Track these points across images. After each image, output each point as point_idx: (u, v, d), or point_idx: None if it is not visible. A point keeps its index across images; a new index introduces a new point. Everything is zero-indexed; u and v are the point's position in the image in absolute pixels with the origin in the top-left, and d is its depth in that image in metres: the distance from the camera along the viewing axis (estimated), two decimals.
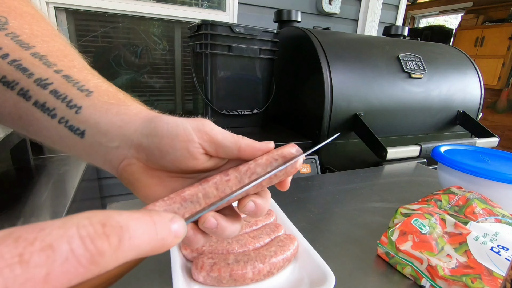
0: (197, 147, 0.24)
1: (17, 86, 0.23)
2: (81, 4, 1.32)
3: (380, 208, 0.61)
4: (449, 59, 1.31)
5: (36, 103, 0.23)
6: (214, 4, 1.62)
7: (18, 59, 0.23)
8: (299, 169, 0.24)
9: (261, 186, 0.24)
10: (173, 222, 0.16)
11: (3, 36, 0.23)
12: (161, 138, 0.23)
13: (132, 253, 0.14)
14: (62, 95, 0.24)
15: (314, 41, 1.04)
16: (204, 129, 0.24)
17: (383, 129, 1.13)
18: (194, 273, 0.35)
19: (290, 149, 0.24)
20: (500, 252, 0.37)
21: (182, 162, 0.24)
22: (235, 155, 0.24)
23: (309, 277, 0.36)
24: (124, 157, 0.25)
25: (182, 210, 0.23)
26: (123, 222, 0.14)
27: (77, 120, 0.24)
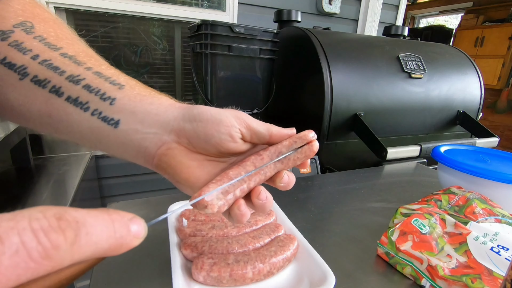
0: (237, 132, 0.27)
1: (49, 84, 0.24)
2: (81, 4, 1.32)
3: (380, 208, 0.61)
4: (449, 59, 1.31)
5: (68, 98, 0.25)
6: (214, 4, 1.62)
7: (48, 59, 0.25)
8: (315, 152, 0.29)
9: (287, 165, 0.29)
10: (132, 222, 0.16)
11: (31, 39, 0.25)
12: (206, 122, 0.26)
13: (89, 250, 0.13)
14: (95, 89, 0.25)
15: (314, 41, 1.04)
16: (242, 117, 0.27)
17: (383, 129, 1.13)
18: (194, 273, 0.35)
19: (308, 133, 0.29)
20: (500, 252, 0.37)
21: (224, 145, 0.27)
22: (266, 140, 0.29)
23: (309, 277, 0.36)
24: (163, 142, 0.26)
25: (232, 188, 0.26)
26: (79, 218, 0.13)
27: (111, 111, 0.25)
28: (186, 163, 0.27)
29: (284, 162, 0.29)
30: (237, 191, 0.26)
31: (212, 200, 0.25)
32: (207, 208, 0.24)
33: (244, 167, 0.27)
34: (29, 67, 0.24)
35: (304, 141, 0.29)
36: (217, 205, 0.25)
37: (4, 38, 0.24)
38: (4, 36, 0.24)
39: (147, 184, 1.63)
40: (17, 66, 0.24)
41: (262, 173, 0.28)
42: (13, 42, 0.24)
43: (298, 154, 0.29)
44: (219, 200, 0.25)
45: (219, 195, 0.26)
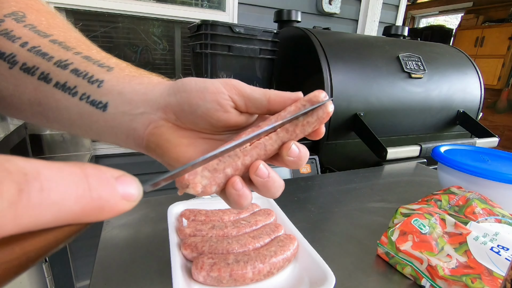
0: (227, 99, 0.24)
1: (37, 71, 0.24)
2: (81, 4, 1.32)
3: (380, 208, 0.61)
4: (449, 59, 1.31)
5: (56, 84, 0.24)
6: (214, 4, 1.62)
7: (37, 45, 0.24)
8: (331, 114, 0.23)
9: (294, 134, 0.23)
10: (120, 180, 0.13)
11: (21, 27, 0.24)
12: (190, 92, 0.24)
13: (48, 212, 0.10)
14: (83, 72, 0.24)
15: (314, 41, 1.04)
16: (231, 83, 0.24)
17: (383, 129, 1.13)
18: (194, 273, 0.35)
19: (317, 94, 0.23)
20: (500, 252, 0.37)
21: (213, 116, 0.23)
22: (265, 107, 0.24)
23: (309, 277, 0.36)
24: (150, 121, 0.24)
25: (221, 165, 0.22)
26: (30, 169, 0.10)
27: (99, 94, 0.24)
28: (175, 141, 0.24)
29: (289, 130, 0.23)
30: (228, 169, 0.22)
31: (195, 179, 0.21)
32: (189, 188, 0.21)
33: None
34: (18, 54, 0.24)
35: (314, 103, 0.23)
36: (200, 184, 0.21)
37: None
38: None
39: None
40: (6, 54, 0.24)
41: (261, 146, 0.23)
42: (2, 31, 0.24)
43: (309, 118, 0.23)
44: (203, 178, 0.21)
45: (205, 173, 0.22)
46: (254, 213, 0.48)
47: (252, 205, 0.50)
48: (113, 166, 0.13)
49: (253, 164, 0.23)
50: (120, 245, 0.45)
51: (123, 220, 0.52)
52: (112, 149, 1.48)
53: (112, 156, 1.49)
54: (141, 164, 1.58)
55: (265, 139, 0.23)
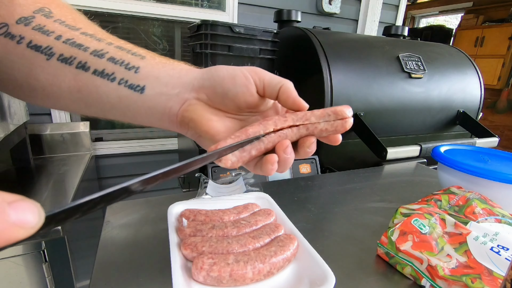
0: (252, 84, 0.28)
1: (75, 60, 0.26)
2: (81, 4, 1.32)
3: (380, 208, 0.61)
4: (449, 59, 1.31)
5: (95, 72, 0.26)
6: (214, 4, 1.62)
7: (71, 37, 0.26)
8: (347, 129, 0.27)
9: (312, 133, 0.27)
10: (14, 207, 0.11)
11: (52, 22, 0.27)
12: (223, 78, 0.28)
13: None
14: (119, 60, 0.27)
15: (314, 41, 1.04)
16: (255, 70, 0.28)
17: (383, 129, 1.13)
18: (194, 273, 0.35)
19: (344, 109, 0.27)
20: (500, 252, 0.37)
21: (241, 98, 0.28)
22: (275, 93, 0.28)
23: (309, 277, 0.36)
24: (185, 100, 0.28)
25: (248, 147, 0.27)
26: None
27: (137, 78, 0.27)
28: (207, 117, 0.28)
29: (309, 129, 0.27)
30: (253, 150, 0.27)
31: (227, 156, 0.26)
32: (221, 162, 0.26)
33: (265, 126, 0.27)
34: (54, 47, 0.26)
35: (338, 117, 0.27)
36: (230, 160, 0.26)
37: (27, 23, 0.26)
38: (27, 21, 0.26)
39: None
40: (43, 47, 0.26)
41: (283, 136, 0.27)
42: (36, 26, 0.26)
43: (328, 126, 0.27)
44: (233, 156, 0.26)
45: (235, 152, 0.26)
46: (254, 213, 0.48)
47: (252, 205, 0.50)
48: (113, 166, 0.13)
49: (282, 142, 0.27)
50: (120, 245, 0.45)
51: (123, 220, 0.52)
52: (112, 149, 1.48)
53: (112, 156, 1.49)
54: (141, 164, 1.58)
55: (288, 131, 0.27)
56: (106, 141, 1.48)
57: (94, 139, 1.45)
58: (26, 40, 0.26)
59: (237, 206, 0.49)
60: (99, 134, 1.48)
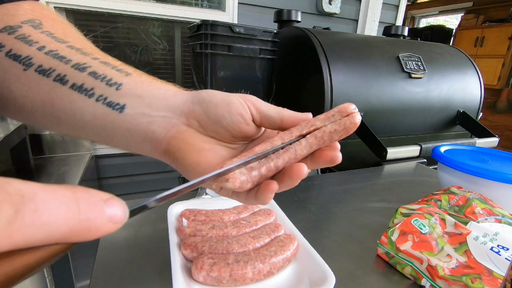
0: (248, 113, 0.26)
1: (53, 72, 0.24)
2: (81, 4, 1.32)
3: (380, 208, 0.61)
4: (449, 59, 1.31)
5: (73, 86, 0.24)
6: (214, 4, 1.62)
7: (54, 49, 0.25)
8: (358, 125, 0.25)
9: (322, 140, 0.25)
10: (108, 204, 0.13)
11: (39, 33, 0.25)
12: (216, 104, 0.25)
13: (39, 232, 0.11)
14: (101, 75, 0.25)
15: (314, 41, 1.04)
16: (250, 99, 0.27)
17: (383, 129, 1.13)
18: (194, 273, 0.35)
19: (347, 105, 0.25)
20: (500, 252, 0.37)
21: (236, 127, 0.26)
22: (277, 125, 0.27)
23: (309, 277, 0.36)
24: (172, 125, 0.25)
25: (257, 165, 0.24)
26: (26, 191, 0.11)
27: (117, 96, 0.25)
28: (198, 146, 0.25)
29: (318, 137, 0.25)
30: (262, 168, 0.24)
31: (235, 174, 0.23)
32: (229, 182, 0.23)
33: (271, 142, 0.25)
34: (34, 57, 0.24)
35: (343, 114, 0.25)
36: (239, 179, 0.23)
37: (11, 32, 0.24)
38: (12, 30, 0.24)
39: (147, 184, 1.63)
40: (22, 57, 0.24)
41: (292, 150, 0.25)
42: (20, 36, 0.24)
43: (336, 126, 0.24)
44: (242, 175, 0.23)
45: (243, 171, 0.24)
46: (254, 213, 0.48)
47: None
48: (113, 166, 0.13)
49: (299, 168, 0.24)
50: (120, 245, 0.45)
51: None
52: (112, 149, 1.48)
53: (112, 156, 1.49)
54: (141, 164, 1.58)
55: (296, 144, 0.25)
56: None
57: None
58: (6, 48, 0.24)
59: (237, 206, 0.49)
60: None
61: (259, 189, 0.24)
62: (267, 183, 0.24)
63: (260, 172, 0.24)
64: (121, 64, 0.27)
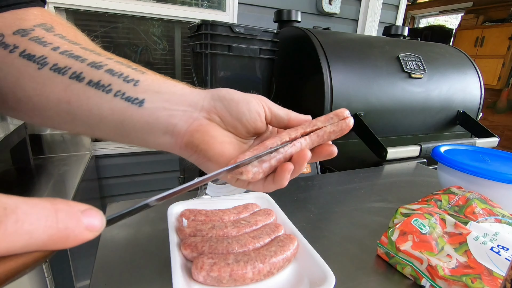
0: (263, 112, 0.29)
1: (69, 70, 0.25)
2: (81, 4, 1.32)
3: (380, 208, 0.61)
4: (449, 59, 1.31)
5: (90, 82, 0.25)
6: (214, 4, 1.62)
7: (69, 50, 0.25)
8: (351, 128, 0.30)
9: (322, 138, 0.29)
10: (85, 214, 0.15)
11: (51, 35, 0.26)
12: (237, 102, 0.28)
13: (20, 240, 0.12)
14: (118, 72, 0.26)
15: (314, 41, 1.04)
16: (264, 100, 0.30)
17: (383, 129, 1.13)
18: (194, 273, 0.35)
19: (342, 110, 0.30)
20: (500, 252, 0.37)
21: (253, 123, 0.29)
22: (285, 124, 0.30)
23: (309, 277, 0.36)
24: (194, 119, 0.27)
25: (268, 158, 0.27)
26: (9, 205, 0.12)
27: (135, 91, 0.25)
28: (220, 139, 0.28)
29: (319, 135, 0.29)
30: (272, 160, 0.28)
31: (247, 167, 0.26)
32: (243, 174, 0.26)
33: (280, 137, 0.29)
34: (49, 57, 0.25)
35: (340, 118, 0.30)
36: (252, 172, 0.26)
37: (24, 34, 0.25)
38: (25, 33, 0.25)
39: (147, 184, 1.63)
40: (36, 56, 0.24)
41: (298, 145, 0.29)
42: (33, 37, 0.25)
43: (334, 127, 0.29)
44: (254, 167, 0.26)
45: (255, 163, 0.27)
46: (254, 213, 0.48)
47: (252, 205, 0.50)
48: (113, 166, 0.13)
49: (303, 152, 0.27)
50: (120, 245, 0.45)
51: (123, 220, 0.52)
52: (112, 149, 1.48)
53: (112, 156, 1.49)
54: (141, 164, 1.58)
55: (301, 139, 0.29)
56: (106, 141, 1.48)
57: (94, 139, 1.45)
58: (19, 49, 0.24)
59: (237, 206, 0.49)
60: None
61: (276, 173, 0.27)
62: (283, 165, 0.27)
63: (270, 163, 0.27)
64: (135, 64, 0.28)
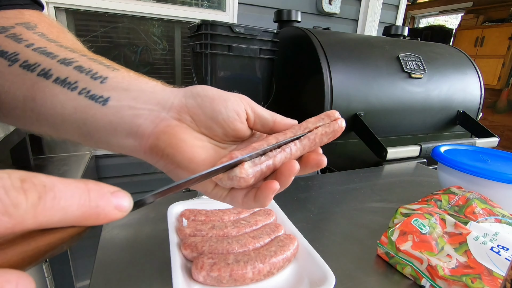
0: (243, 112, 0.26)
1: (38, 67, 0.24)
2: (81, 4, 1.32)
3: (380, 208, 0.61)
4: (449, 59, 1.31)
5: (57, 79, 0.24)
6: (214, 4, 1.62)
7: (43, 46, 0.25)
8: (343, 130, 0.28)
9: (314, 142, 0.27)
10: (115, 195, 0.16)
11: (30, 33, 0.25)
12: (213, 98, 0.25)
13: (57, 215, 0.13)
14: (87, 69, 0.24)
15: (314, 41, 1.04)
16: (246, 99, 0.27)
17: (383, 129, 1.13)
18: (194, 273, 0.35)
19: (332, 112, 0.28)
20: (500, 252, 0.37)
21: (231, 123, 0.25)
22: (269, 127, 0.27)
23: (309, 277, 0.36)
24: (161, 119, 0.24)
25: (259, 161, 0.25)
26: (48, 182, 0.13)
27: (101, 89, 0.24)
28: (190, 142, 0.24)
29: (311, 139, 0.27)
30: (263, 165, 0.24)
31: (244, 164, 0.23)
32: (237, 170, 0.23)
33: (267, 141, 0.25)
34: (21, 53, 0.24)
35: (331, 119, 0.27)
36: (247, 171, 0.23)
37: (2, 31, 0.25)
38: (4, 30, 0.25)
39: (147, 184, 1.63)
40: (8, 53, 0.24)
41: (288, 151, 0.26)
42: (10, 34, 0.25)
43: (326, 128, 0.27)
44: (249, 167, 0.24)
45: (250, 164, 0.24)
46: (254, 213, 0.48)
47: None
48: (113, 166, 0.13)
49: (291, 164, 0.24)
50: (120, 245, 0.45)
51: (123, 220, 0.52)
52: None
53: (112, 156, 1.49)
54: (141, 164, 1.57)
55: (291, 145, 0.26)
56: None
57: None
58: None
59: None
60: None
61: (259, 189, 0.24)
62: (268, 183, 0.23)
63: (261, 168, 0.24)
64: (111, 62, 0.26)
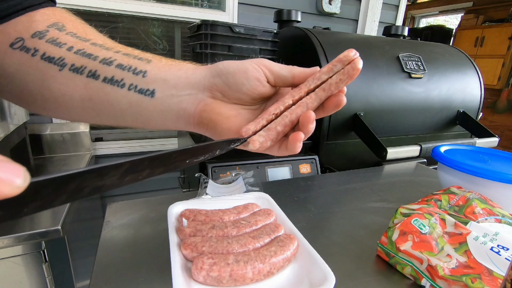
0: (263, 76, 0.29)
1: (85, 69, 0.27)
2: (81, 4, 1.32)
3: (380, 208, 0.61)
4: (449, 59, 1.31)
5: (105, 79, 0.28)
6: (214, 4, 1.62)
7: (81, 48, 0.28)
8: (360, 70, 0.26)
9: (330, 91, 0.27)
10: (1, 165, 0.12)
11: (64, 35, 0.28)
12: (234, 73, 0.29)
13: None
14: (127, 66, 0.28)
15: (314, 41, 1.04)
16: (263, 62, 0.29)
17: (383, 129, 1.13)
18: (194, 273, 0.35)
19: (347, 53, 0.26)
20: (500, 252, 0.37)
21: (255, 90, 0.29)
22: (290, 82, 0.29)
23: (309, 277, 0.36)
24: (199, 100, 0.29)
25: (273, 124, 0.27)
26: None
27: (145, 83, 0.28)
28: (225, 114, 0.29)
29: (326, 89, 0.27)
30: (278, 127, 0.27)
31: (253, 137, 0.27)
32: (248, 146, 0.27)
33: (283, 101, 0.28)
34: (66, 57, 0.27)
35: (345, 63, 0.26)
36: (258, 141, 0.27)
37: (41, 37, 0.28)
38: (41, 35, 0.28)
39: (147, 184, 1.63)
40: (56, 58, 0.27)
41: (304, 105, 0.27)
42: (49, 39, 0.27)
43: (340, 76, 0.26)
44: (260, 137, 0.27)
45: (261, 133, 0.27)
46: (254, 213, 0.48)
47: (252, 205, 0.50)
48: None
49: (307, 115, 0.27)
50: (120, 245, 0.45)
51: (123, 220, 0.52)
52: (112, 149, 1.48)
53: (112, 156, 1.49)
54: None
55: (306, 98, 0.27)
56: (106, 141, 1.48)
57: (94, 139, 1.45)
58: (40, 52, 0.27)
59: (237, 206, 0.49)
60: (99, 134, 1.48)
61: (289, 142, 0.28)
62: (294, 134, 0.27)
63: (276, 130, 0.27)
64: (140, 53, 0.30)
